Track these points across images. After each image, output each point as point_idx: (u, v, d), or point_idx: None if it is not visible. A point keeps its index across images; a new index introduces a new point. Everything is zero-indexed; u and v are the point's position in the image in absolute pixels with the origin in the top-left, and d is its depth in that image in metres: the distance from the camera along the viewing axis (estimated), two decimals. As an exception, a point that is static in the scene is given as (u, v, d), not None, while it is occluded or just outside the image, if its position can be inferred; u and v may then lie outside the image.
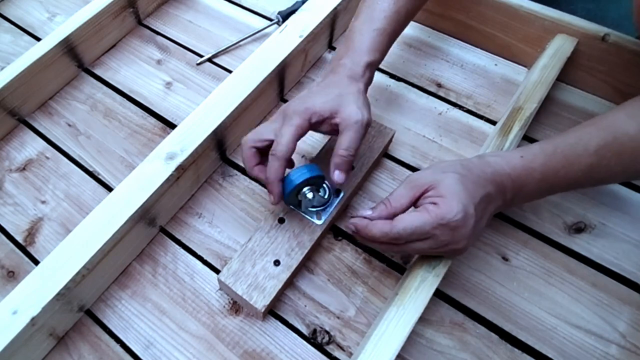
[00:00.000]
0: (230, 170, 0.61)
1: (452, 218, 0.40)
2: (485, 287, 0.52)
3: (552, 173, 0.43)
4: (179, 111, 0.67)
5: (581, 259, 0.53)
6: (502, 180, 0.43)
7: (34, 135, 0.65)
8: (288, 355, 0.49)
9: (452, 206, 0.40)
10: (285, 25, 0.64)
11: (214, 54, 0.71)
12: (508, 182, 0.43)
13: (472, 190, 0.41)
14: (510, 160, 0.44)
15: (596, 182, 0.46)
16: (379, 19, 0.51)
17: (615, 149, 0.42)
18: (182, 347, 0.49)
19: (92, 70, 0.71)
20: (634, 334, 0.49)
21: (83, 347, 0.50)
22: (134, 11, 0.74)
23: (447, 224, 0.40)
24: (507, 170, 0.43)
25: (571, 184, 0.45)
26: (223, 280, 0.49)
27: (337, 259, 0.54)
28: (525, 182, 0.43)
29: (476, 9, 0.67)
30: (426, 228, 0.40)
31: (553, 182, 0.44)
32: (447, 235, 0.41)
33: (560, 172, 0.43)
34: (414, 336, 0.49)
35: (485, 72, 0.69)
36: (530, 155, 0.44)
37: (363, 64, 0.50)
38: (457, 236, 0.41)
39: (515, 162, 0.44)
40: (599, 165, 0.43)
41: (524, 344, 0.49)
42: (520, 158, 0.44)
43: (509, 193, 0.43)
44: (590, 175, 0.44)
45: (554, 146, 0.44)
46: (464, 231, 0.40)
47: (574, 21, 0.61)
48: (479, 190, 0.41)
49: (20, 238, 0.57)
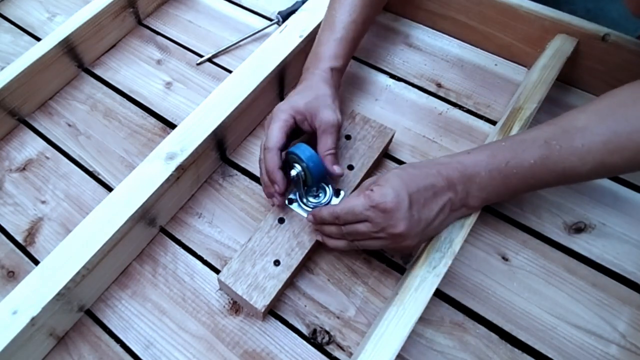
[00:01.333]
0: (230, 170, 0.61)
1: (381, 200, 0.44)
2: (485, 287, 0.52)
3: (502, 162, 0.45)
4: (179, 111, 0.67)
5: (581, 259, 0.53)
6: (449, 173, 0.46)
7: (34, 135, 0.65)
8: (288, 355, 0.49)
9: (383, 191, 0.44)
10: (285, 25, 0.64)
11: (214, 54, 0.71)
12: (455, 174, 0.46)
13: (408, 180, 0.45)
14: (458, 156, 0.48)
15: (560, 176, 0.46)
16: (339, 29, 0.57)
17: (565, 141, 0.44)
18: (182, 347, 0.49)
19: (92, 70, 0.71)
20: (634, 333, 0.49)
21: (83, 347, 0.50)
22: (134, 11, 0.74)
23: (377, 205, 0.44)
24: (454, 164, 0.46)
25: (531, 177, 0.46)
26: (223, 280, 0.49)
27: (337, 259, 0.54)
28: (473, 173, 0.46)
29: (476, 9, 0.67)
30: (359, 208, 0.45)
31: (507, 173, 0.45)
32: (380, 217, 0.44)
33: (511, 163, 0.45)
34: (414, 336, 0.49)
35: (485, 72, 0.69)
36: (478, 150, 0.48)
37: (328, 70, 0.56)
38: (391, 219, 0.44)
39: (463, 157, 0.47)
40: (551, 156, 0.44)
41: (524, 344, 0.49)
42: (468, 154, 0.47)
43: (459, 185, 0.46)
44: (548, 168, 0.45)
45: (502, 140, 0.48)
46: (398, 215, 0.44)
47: (574, 21, 0.61)
48: (419, 181, 0.45)
49: (20, 238, 0.57)
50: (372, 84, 0.68)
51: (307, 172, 0.50)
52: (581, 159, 0.44)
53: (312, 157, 0.49)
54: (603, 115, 0.44)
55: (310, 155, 0.49)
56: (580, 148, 0.44)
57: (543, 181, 0.46)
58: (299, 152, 0.49)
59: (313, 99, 0.53)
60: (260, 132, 0.65)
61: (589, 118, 0.44)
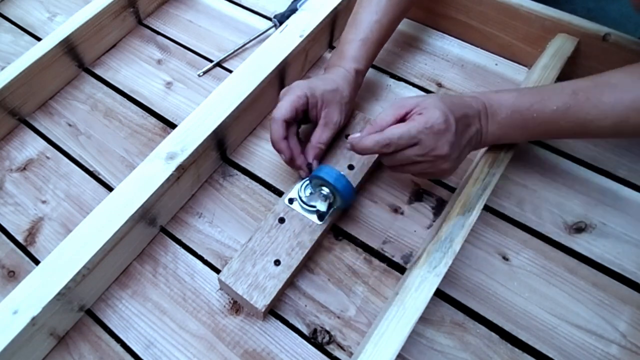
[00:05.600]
0: (230, 170, 0.61)
1: (436, 121, 0.45)
2: (486, 286, 0.52)
3: (525, 105, 0.47)
4: (179, 111, 0.67)
5: (582, 258, 0.53)
6: (477, 105, 0.48)
7: (34, 135, 0.65)
8: (288, 355, 0.49)
9: (435, 113, 0.45)
10: (285, 25, 0.64)
11: (212, 66, 0.71)
12: (482, 107, 0.48)
13: (451, 106, 0.46)
14: (486, 93, 0.50)
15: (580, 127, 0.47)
16: (363, 28, 0.57)
17: (593, 94, 0.45)
18: (182, 346, 0.49)
19: (93, 70, 0.71)
20: (634, 333, 0.49)
21: (83, 346, 0.50)
22: (134, 11, 0.74)
23: (431, 126, 0.45)
24: (482, 99, 0.49)
25: (548, 123, 0.47)
26: (223, 280, 0.49)
27: (337, 259, 0.54)
28: (498, 109, 0.48)
29: (477, 9, 0.67)
30: (413, 132, 0.45)
31: (526, 116, 0.47)
32: (432, 140, 0.45)
33: (534, 106, 0.47)
34: (414, 336, 0.49)
35: (485, 71, 0.69)
36: (506, 90, 0.50)
37: (353, 71, 0.56)
38: (441, 141, 0.45)
39: (491, 94, 0.49)
40: (575, 106, 0.46)
41: (524, 343, 0.49)
42: (495, 92, 0.49)
43: (483, 117, 0.48)
44: (569, 117, 0.46)
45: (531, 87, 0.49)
46: (448, 136, 0.45)
47: (574, 21, 0.61)
48: (457, 109, 0.47)
49: (21, 238, 0.57)
50: (373, 83, 0.68)
51: (335, 194, 0.50)
52: (604, 113, 0.45)
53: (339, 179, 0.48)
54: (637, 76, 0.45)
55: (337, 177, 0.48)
56: (606, 102, 0.45)
57: (562, 130, 0.47)
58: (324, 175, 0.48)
59: (331, 91, 0.53)
60: (260, 132, 0.65)
61: (623, 76, 0.45)
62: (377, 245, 0.55)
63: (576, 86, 0.47)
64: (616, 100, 0.44)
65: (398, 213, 0.57)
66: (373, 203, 0.57)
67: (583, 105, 0.45)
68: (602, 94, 0.45)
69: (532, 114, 0.47)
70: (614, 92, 0.45)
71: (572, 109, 0.46)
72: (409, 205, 0.57)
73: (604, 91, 0.45)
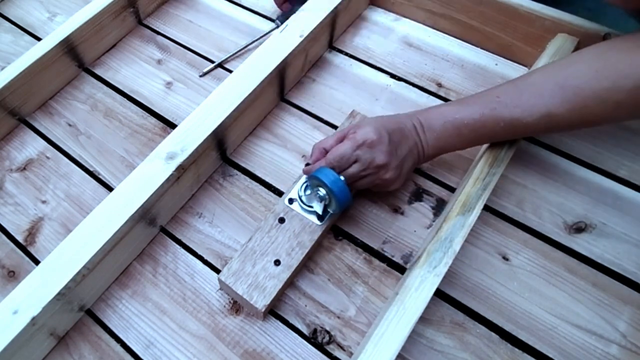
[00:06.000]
0: (230, 170, 0.61)
1: (367, 135, 0.49)
2: (486, 286, 0.52)
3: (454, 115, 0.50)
4: (179, 111, 0.67)
5: (582, 258, 0.53)
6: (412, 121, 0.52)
7: (34, 135, 0.65)
8: (288, 355, 0.49)
9: (366, 129, 0.50)
10: (285, 25, 0.64)
11: (216, 65, 0.71)
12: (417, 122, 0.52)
13: (383, 122, 0.51)
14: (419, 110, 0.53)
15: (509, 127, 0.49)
16: None
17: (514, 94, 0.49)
18: (182, 346, 0.49)
19: (93, 70, 0.71)
20: (634, 333, 0.49)
21: (83, 346, 0.50)
22: (134, 11, 0.74)
23: (364, 141, 0.49)
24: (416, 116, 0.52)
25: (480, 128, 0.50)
26: (223, 280, 0.49)
27: (337, 259, 0.54)
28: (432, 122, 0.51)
29: (477, 9, 0.67)
30: (349, 151, 0.49)
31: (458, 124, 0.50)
32: (368, 153, 0.49)
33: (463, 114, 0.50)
34: (414, 336, 0.49)
35: (485, 71, 0.69)
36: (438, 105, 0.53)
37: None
38: (376, 152, 0.49)
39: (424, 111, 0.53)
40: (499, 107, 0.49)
41: (524, 343, 0.49)
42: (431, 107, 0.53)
43: (420, 131, 0.51)
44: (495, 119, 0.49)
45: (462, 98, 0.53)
46: (382, 147, 0.49)
47: (574, 21, 0.61)
48: (391, 123, 0.51)
49: (21, 238, 0.57)
50: (373, 83, 0.68)
51: (331, 196, 0.50)
52: (526, 110, 0.48)
53: (336, 182, 0.48)
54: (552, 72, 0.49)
55: (334, 180, 0.48)
56: (527, 100, 0.48)
57: (495, 132, 0.50)
58: (321, 177, 0.48)
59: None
60: (260, 132, 0.65)
61: (539, 75, 0.49)
62: (377, 245, 0.55)
63: (499, 90, 0.50)
64: (536, 97, 0.48)
65: (398, 213, 0.57)
66: (373, 203, 0.57)
67: (506, 105, 0.49)
68: (521, 93, 0.48)
69: (463, 121, 0.50)
70: (531, 90, 0.48)
71: (497, 111, 0.49)
72: (409, 205, 0.57)
73: (523, 91, 0.49)
